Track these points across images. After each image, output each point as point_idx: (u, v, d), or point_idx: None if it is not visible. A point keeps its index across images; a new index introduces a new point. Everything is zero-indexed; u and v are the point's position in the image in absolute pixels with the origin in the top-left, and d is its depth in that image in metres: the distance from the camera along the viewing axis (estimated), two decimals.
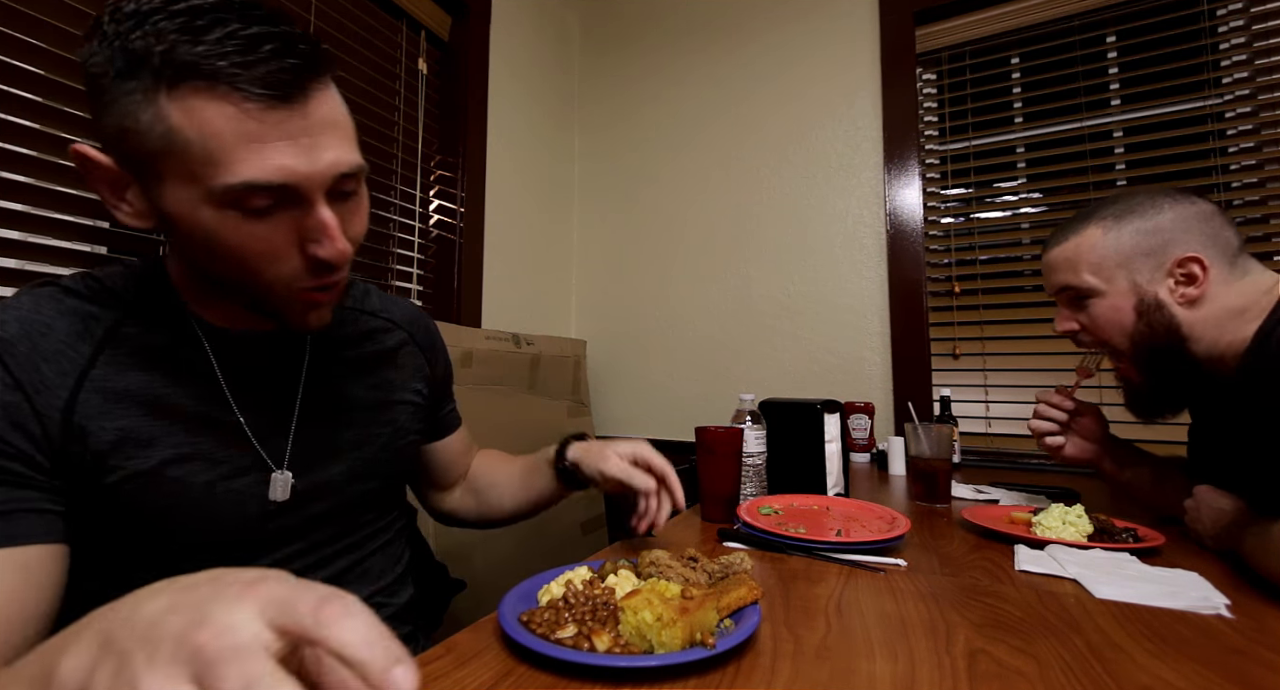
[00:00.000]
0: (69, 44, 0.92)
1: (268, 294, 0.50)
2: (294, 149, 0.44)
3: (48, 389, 0.45)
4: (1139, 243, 0.79)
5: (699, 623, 0.44)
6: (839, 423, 1.05)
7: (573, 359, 1.84)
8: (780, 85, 1.86)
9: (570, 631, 0.45)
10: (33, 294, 0.50)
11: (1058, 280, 0.86)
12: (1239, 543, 0.65)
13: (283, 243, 0.47)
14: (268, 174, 0.43)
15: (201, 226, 0.45)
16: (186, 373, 0.53)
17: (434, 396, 0.77)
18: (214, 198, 0.44)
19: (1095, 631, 0.49)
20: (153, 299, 0.54)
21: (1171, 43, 1.46)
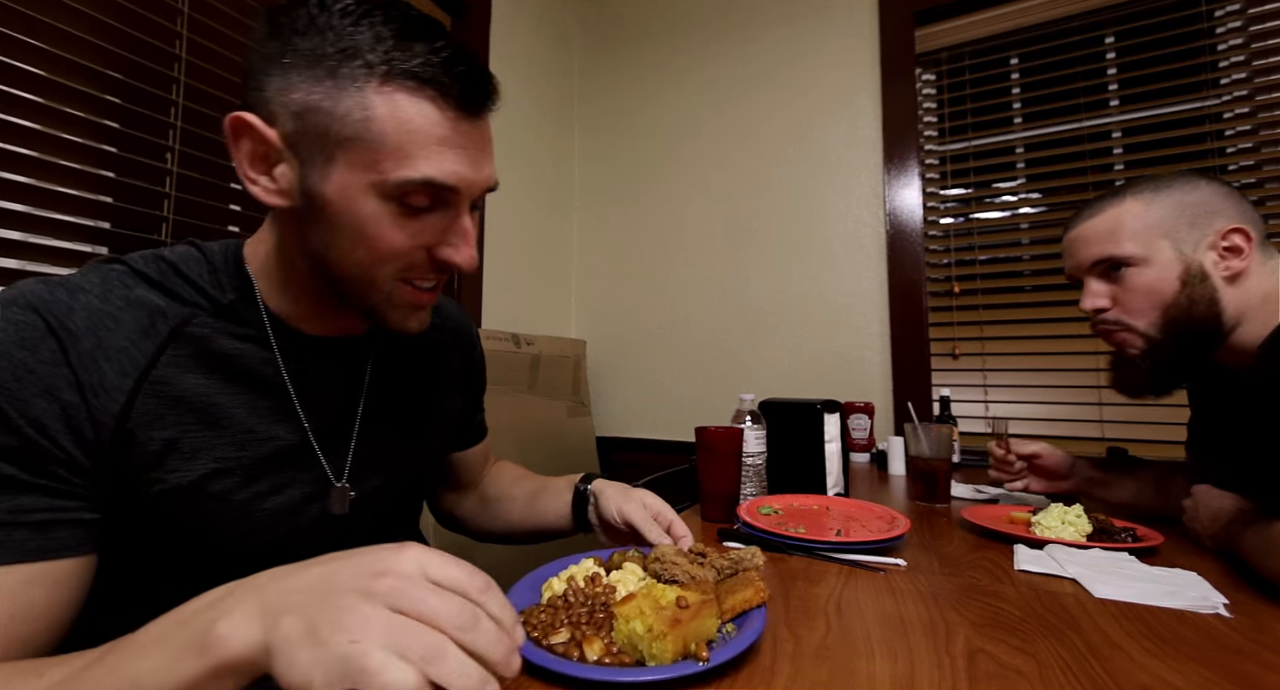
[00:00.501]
0: (69, 44, 0.92)
1: (380, 290, 0.51)
2: (467, 158, 0.49)
3: (105, 392, 0.44)
4: (1182, 212, 0.77)
5: (694, 633, 0.42)
6: (839, 423, 1.05)
7: (573, 359, 1.84)
8: (780, 85, 1.86)
9: (563, 636, 0.44)
10: (102, 274, 0.48)
11: (1093, 253, 0.82)
12: (1238, 542, 0.65)
13: (421, 243, 0.50)
14: (445, 175, 0.47)
15: (356, 214, 0.47)
16: (251, 376, 0.52)
17: (469, 406, 0.77)
18: (385, 189, 0.46)
19: (1094, 631, 0.49)
20: (228, 290, 0.53)
21: (1170, 43, 1.47)
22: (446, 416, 0.71)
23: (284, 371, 0.54)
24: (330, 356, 0.58)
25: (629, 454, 1.97)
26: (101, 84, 0.97)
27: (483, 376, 0.81)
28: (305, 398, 0.55)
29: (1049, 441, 1.48)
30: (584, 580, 0.51)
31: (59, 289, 0.46)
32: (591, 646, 0.42)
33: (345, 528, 0.58)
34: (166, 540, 0.49)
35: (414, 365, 0.67)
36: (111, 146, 0.98)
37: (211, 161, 1.10)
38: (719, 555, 0.58)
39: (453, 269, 0.51)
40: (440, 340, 0.71)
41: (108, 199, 0.98)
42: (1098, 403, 1.48)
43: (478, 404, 0.81)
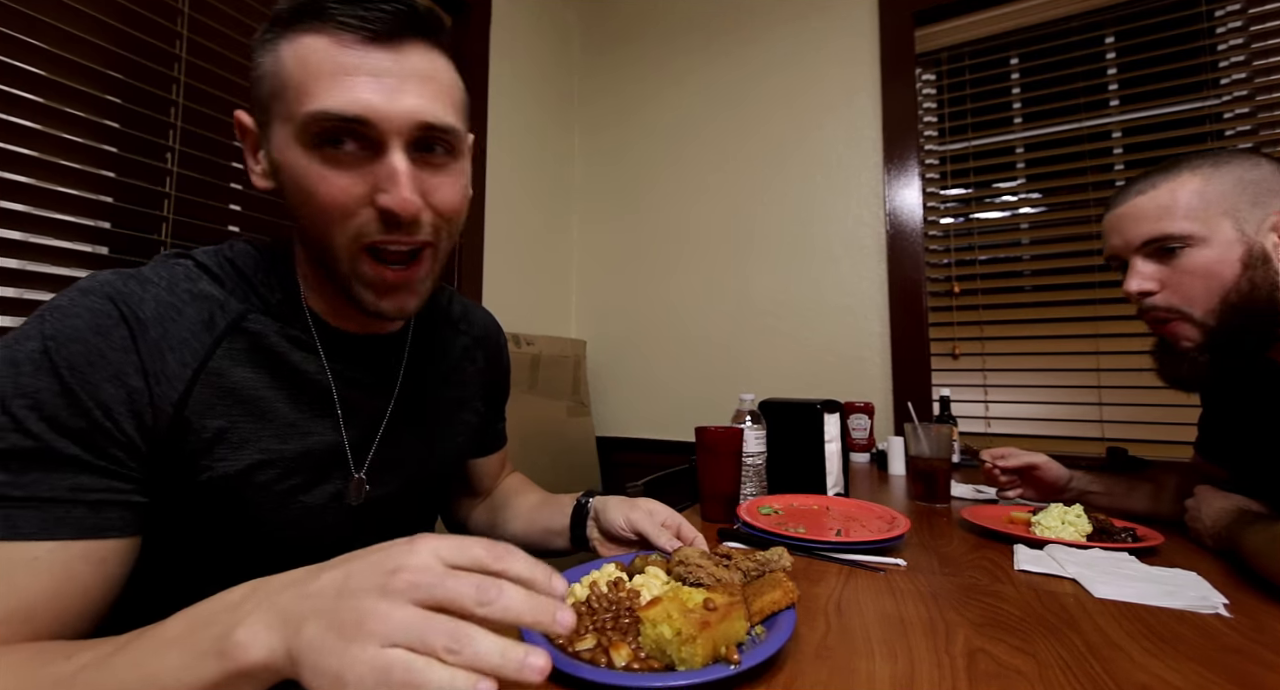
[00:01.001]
0: (69, 44, 0.92)
1: (342, 260, 0.50)
2: (376, 86, 0.46)
3: (167, 379, 0.46)
4: (1244, 190, 0.70)
5: (723, 636, 0.41)
6: (839, 423, 1.05)
7: (573, 359, 1.84)
8: (780, 85, 1.86)
9: (589, 643, 0.42)
10: (169, 268, 0.51)
11: (1144, 231, 0.74)
12: (1239, 542, 0.65)
13: (356, 192, 0.48)
14: (343, 104, 0.45)
15: (293, 170, 0.47)
16: (296, 374, 0.53)
17: (490, 413, 0.77)
18: (300, 134, 0.46)
19: (1094, 631, 0.49)
20: (276, 288, 0.54)
21: (1170, 43, 1.47)
22: (468, 422, 0.71)
23: (327, 370, 0.55)
24: (367, 354, 0.59)
25: (629, 454, 1.97)
26: (102, 84, 0.97)
27: (506, 384, 0.81)
28: (344, 396, 0.56)
29: (1049, 442, 1.49)
30: (607, 585, 0.50)
31: (131, 280, 0.48)
32: (619, 652, 0.41)
33: (364, 525, 0.59)
34: (208, 527, 0.51)
35: (443, 368, 0.67)
36: (112, 146, 0.98)
37: (211, 161, 1.10)
38: (744, 557, 0.57)
39: (390, 217, 0.48)
40: (468, 345, 0.72)
41: (108, 199, 0.98)
42: (1098, 403, 1.48)
43: (499, 412, 0.81)
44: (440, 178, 0.51)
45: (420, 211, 0.49)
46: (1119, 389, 1.45)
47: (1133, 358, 1.43)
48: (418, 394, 0.63)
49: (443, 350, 0.68)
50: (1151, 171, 0.77)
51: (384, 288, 0.51)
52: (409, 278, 0.52)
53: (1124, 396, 1.45)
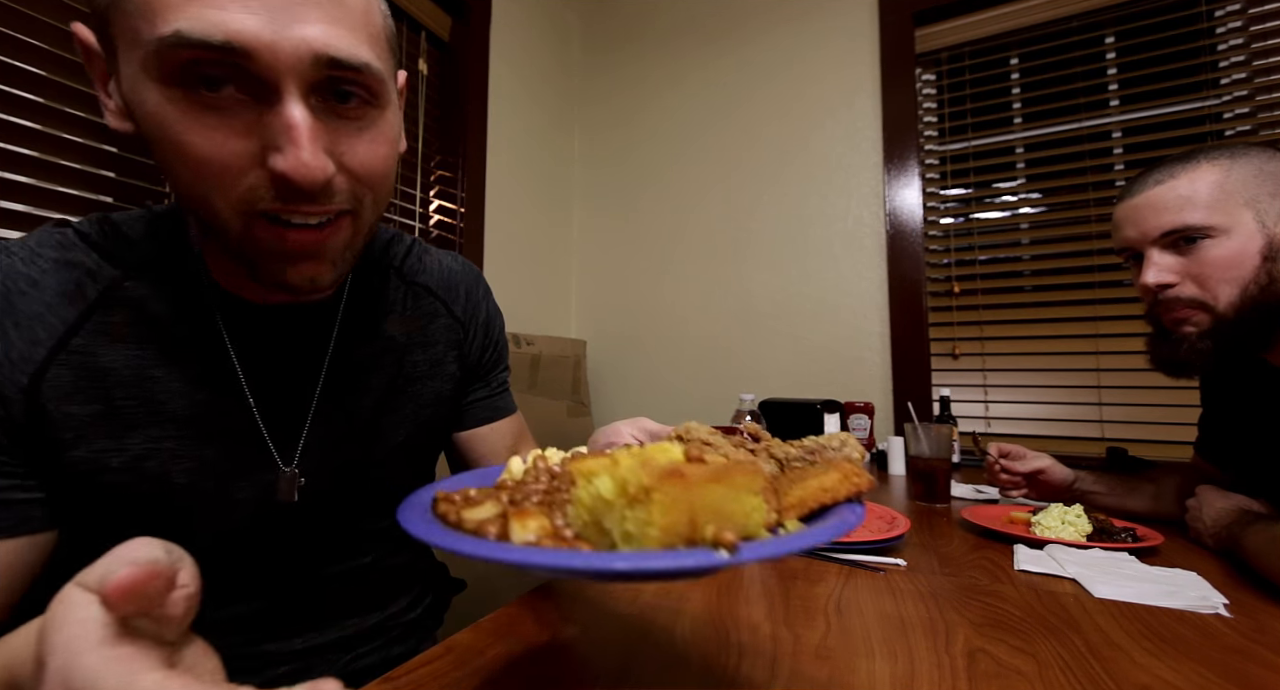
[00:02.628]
0: (70, 44, 0.92)
1: (223, 227, 0.39)
2: (259, 7, 0.35)
3: (10, 363, 0.40)
4: (1264, 181, 0.69)
5: (712, 507, 0.24)
6: (839, 423, 1.05)
7: (573, 359, 1.84)
8: (780, 85, 1.86)
9: (485, 512, 0.28)
10: (40, 235, 0.44)
11: (1164, 222, 0.73)
12: (1240, 542, 0.65)
13: (240, 148, 0.37)
14: (205, 27, 0.33)
15: (149, 114, 0.36)
16: (191, 349, 0.46)
17: (467, 377, 0.65)
18: (153, 66, 0.35)
19: (1094, 631, 0.49)
20: (167, 253, 0.46)
21: (1170, 43, 1.47)
22: (437, 390, 0.61)
23: (228, 344, 0.47)
24: (283, 326, 0.50)
25: None
26: None
27: (492, 339, 0.68)
28: (252, 373, 0.48)
29: (1049, 442, 1.49)
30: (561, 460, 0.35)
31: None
32: (524, 524, 0.25)
33: (297, 519, 0.52)
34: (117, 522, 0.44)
35: (396, 332, 0.57)
36: (112, 146, 0.98)
37: None
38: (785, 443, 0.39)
39: (285, 185, 0.37)
40: (430, 303, 0.61)
41: (108, 199, 0.98)
42: (1097, 403, 1.48)
43: (481, 377, 0.68)
44: (356, 133, 0.40)
45: (329, 177, 0.38)
46: (1119, 389, 1.45)
47: (1133, 358, 1.43)
48: (356, 367, 0.54)
49: (395, 308, 0.58)
50: (1168, 161, 0.75)
51: (286, 256, 0.40)
52: (319, 241, 0.41)
53: (1124, 396, 1.45)
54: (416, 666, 0.43)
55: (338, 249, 0.43)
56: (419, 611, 0.65)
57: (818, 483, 0.29)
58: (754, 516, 0.25)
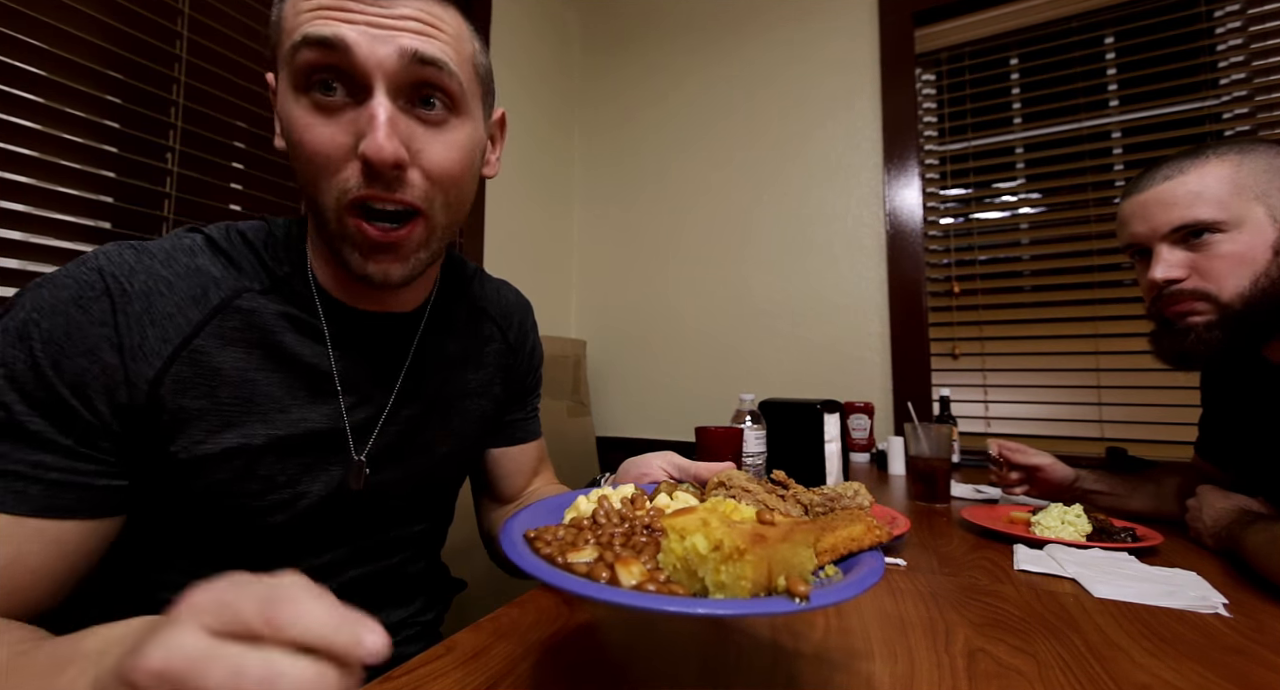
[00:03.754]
0: (69, 44, 0.92)
1: (328, 217, 0.47)
2: (364, 23, 0.44)
3: (144, 356, 0.44)
4: (1275, 176, 0.70)
5: (783, 561, 0.29)
6: (839, 423, 1.05)
7: (573, 359, 1.84)
8: (780, 86, 1.87)
9: (589, 555, 0.32)
10: (174, 241, 0.49)
11: (1173, 217, 0.73)
12: (1240, 542, 0.65)
13: (342, 142, 0.45)
14: (323, 30, 0.43)
15: (287, 119, 0.46)
16: (292, 355, 0.51)
17: (510, 399, 0.72)
18: (289, 74, 0.45)
19: (1094, 631, 0.49)
20: (284, 261, 0.52)
21: (1170, 43, 1.47)
22: (482, 408, 0.67)
23: (329, 350, 0.52)
24: (375, 335, 0.56)
25: (629, 454, 1.95)
26: (102, 84, 0.97)
27: (533, 369, 0.75)
28: (346, 378, 0.53)
29: (1049, 442, 1.49)
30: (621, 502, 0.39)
31: (130, 251, 0.47)
32: (628, 569, 0.30)
33: (362, 512, 0.57)
34: (191, 508, 0.49)
35: (458, 348, 0.63)
36: (112, 146, 0.98)
37: (212, 161, 1.10)
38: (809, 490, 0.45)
39: (368, 167, 0.45)
40: (488, 325, 0.68)
41: (108, 199, 0.98)
42: (1097, 403, 1.48)
43: (522, 400, 0.75)
44: (434, 135, 0.47)
45: (401, 161, 0.45)
46: (1119, 389, 1.45)
47: (1133, 358, 1.43)
48: (427, 375, 0.60)
49: (460, 329, 0.64)
50: (1176, 157, 0.75)
51: (368, 247, 0.47)
52: (396, 239, 0.48)
53: (1124, 396, 1.45)
54: (416, 666, 0.43)
55: (411, 248, 0.49)
56: (431, 615, 0.68)
57: (847, 533, 0.36)
58: (807, 565, 0.31)
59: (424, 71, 0.45)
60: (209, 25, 1.10)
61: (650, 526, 0.36)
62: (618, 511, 0.37)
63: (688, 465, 0.58)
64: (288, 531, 0.52)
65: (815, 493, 0.44)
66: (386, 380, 0.57)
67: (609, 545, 0.33)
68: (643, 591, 0.29)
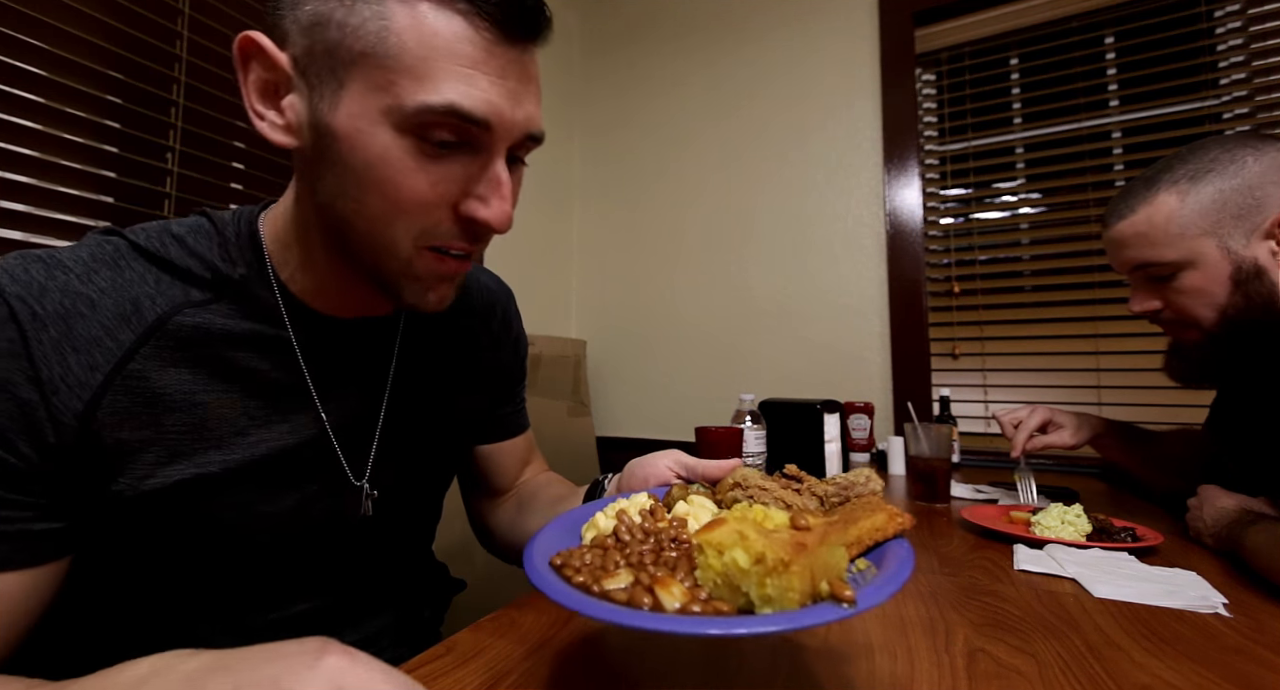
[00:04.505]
0: (70, 44, 0.92)
1: (398, 255, 0.43)
2: (503, 90, 0.41)
3: (68, 388, 0.39)
4: (1225, 203, 0.68)
5: (824, 566, 0.29)
6: (839, 422, 1.05)
7: (573, 359, 1.84)
8: (780, 85, 1.86)
9: (623, 580, 0.31)
10: (93, 249, 0.43)
11: (1130, 257, 0.75)
12: (1240, 542, 0.65)
13: (444, 193, 0.42)
14: (474, 103, 0.39)
15: (368, 149, 0.40)
16: (250, 370, 0.46)
17: (498, 394, 0.69)
18: (401, 116, 0.39)
19: (1094, 630, 0.49)
20: (239, 264, 0.47)
21: (1170, 43, 1.47)
22: (472, 406, 0.64)
23: (300, 359, 0.48)
24: (353, 341, 0.51)
25: (629, 454, 1.94)
26: (102, 84, 0.97)
27: (518, 359, 0.71)
28: (324, 388, 0.49)
29: None
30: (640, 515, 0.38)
31: (37, 264, 0.41)
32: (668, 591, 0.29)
33: (362, 530, 0.53)
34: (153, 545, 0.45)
35: (444, 350, 0.60)
36: (112, 146, 0.98)
37: (212, 161, 1.10)
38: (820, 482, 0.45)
39: (481, 229, 0.44)
40: (469, 321, 0.64)
41: (109, 199, 0.98)
42: (1097, 403, 1.48)
43: (508, 394, 0.71)
44: (516, 182, 0.47)
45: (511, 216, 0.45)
46: (1119, 389, 1.45)
47: (1133, 358, 1.43)
48: (418, 381, 0.56)
49: (441, 327, 0.60)
50: (1133, 186, 0.76)
51: (438, 279, 0.46)
52: (462, 270, 0.47)
53: (1124, 396, 1.45)
54: (417, 666, 0.43)
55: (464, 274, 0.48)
56: (431, 614, 0.68)
57: (870, 523, 0.35)
58: (842, 564, 0.31)
59: (529, 144, 0.46)
60: (209, 25, 1.10)
61: (676, 538, 0.35)
62: (640, 526, 0.36)
63: (695, 464, 0.57)
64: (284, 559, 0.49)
65: (828, 484, 0.44)
66: (373, 391, 0.53)
67: (641, 565, 0.32)
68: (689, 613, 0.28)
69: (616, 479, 0.64)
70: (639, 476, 0.58)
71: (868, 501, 0.38)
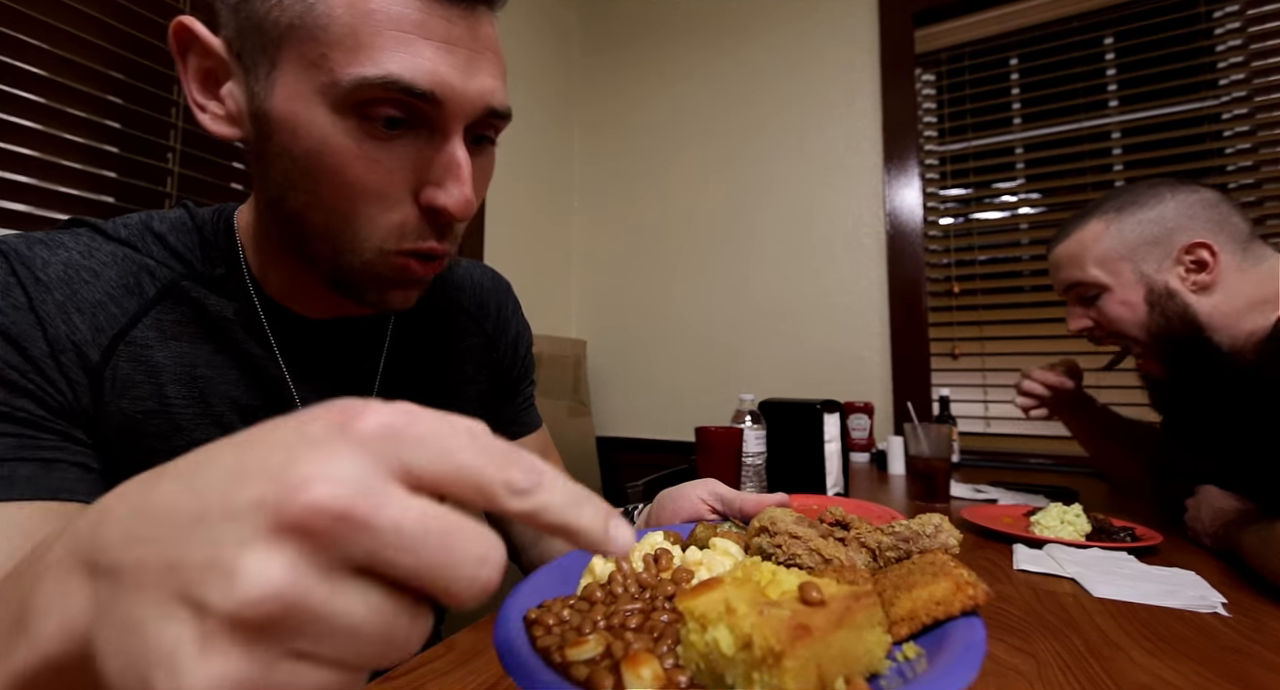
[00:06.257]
0: (70, 44, 0.92)
1: (356, 253, 0.40)
2: (451, 58, 0.37)
3: (75, 347, 0.39)
4: (1143, 232, 0.77)
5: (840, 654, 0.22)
6: (839, 422, 1.05)
7: (573, 359, 1.84)
8: (780, 85, 1.87)
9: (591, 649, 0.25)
10: (83, 233, 0.43)
11: (1064, 277, 0.85)
12: (1238, 542, 0.66)
13: (400, 181, 0.39)
14: (416, 74, 0.35)
15: (310, 135, 0.36)
16: (241, 355, 0.45)
17: (498, 392, 0.66)
18: (338, 95, 0.35)
19: (1093, 630, 0.49)
20: (217, 264, 0.45)
21: (1169, 44, 1.47)
22: (471, 406, 0.61)
23: (280, 360, 0.46)
24: (335, 343, 0.50)
25: (629, 454, 1.97)
26: (102, 84, 0.97)
27: (520, 354, 0.67)
28: (305, 390, 0.48)
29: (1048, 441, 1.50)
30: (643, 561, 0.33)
31: (38, 244, 0.40)
32: (636, 671, 0.23)
33: None
34: None
35: (435, 349, 0.58)
36: (113, 146, 0.98)
37: (213, 161, 1.10)
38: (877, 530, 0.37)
39: (441, 217, 0.40)
40: (462, 321, 0.61)
41: (109, 199, 0.98)
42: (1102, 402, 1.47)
43: (512, 390, 0.67)
44: (482, 167, 0.43)
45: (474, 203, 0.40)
46: (1118, 389, 1.45)
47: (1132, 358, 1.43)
48: (407, 382, 0.54)
49: (431, 326, 0.57)
50: (1072, 218, 0.85)
51: (404, 283, 0.43)
52: (431, 272, 0.44)
53: (1123, 396, 1.45)
54: (416, 666, 0.43)
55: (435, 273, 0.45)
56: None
57: (928, 594, 0.27)
58: (877, 652, 0.24)
59: (494, 121, 0.41)
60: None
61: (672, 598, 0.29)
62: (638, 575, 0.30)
63: (732, 498, 0.52)
64: None
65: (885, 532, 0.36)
66: (360, 392, 0.51)
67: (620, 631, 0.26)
68: None
69: (647, 511, 0.61)
70: (669, 510, 0.54)
71: (932, 560, 0.30)
